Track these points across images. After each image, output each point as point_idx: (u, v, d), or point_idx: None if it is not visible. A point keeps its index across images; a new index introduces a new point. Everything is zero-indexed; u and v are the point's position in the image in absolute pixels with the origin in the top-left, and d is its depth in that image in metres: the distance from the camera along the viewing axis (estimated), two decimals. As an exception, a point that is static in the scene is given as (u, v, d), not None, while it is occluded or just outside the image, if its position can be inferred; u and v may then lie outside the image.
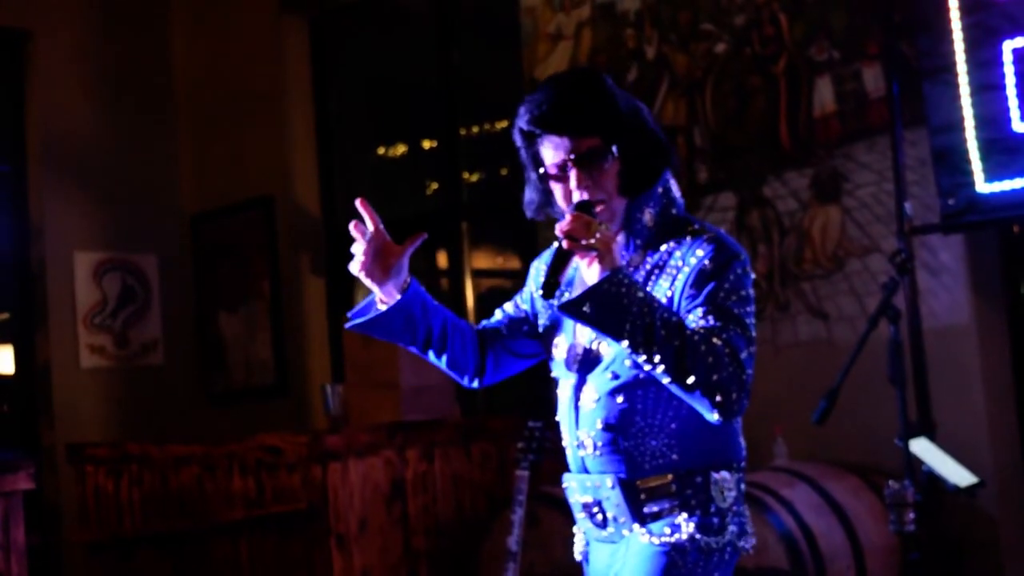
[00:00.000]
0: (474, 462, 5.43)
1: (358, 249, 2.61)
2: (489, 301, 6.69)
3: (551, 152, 2.51)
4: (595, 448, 2.52)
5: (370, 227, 2.62)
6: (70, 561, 6.51)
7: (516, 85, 6.18)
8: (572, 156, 2.48)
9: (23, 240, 6.92)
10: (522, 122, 2.53)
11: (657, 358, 2.30)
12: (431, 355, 2.74)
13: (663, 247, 2.51)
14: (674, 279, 2.45)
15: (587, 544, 2.67)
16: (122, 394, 7.03)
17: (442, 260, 6.79)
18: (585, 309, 2.32)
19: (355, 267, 2.61)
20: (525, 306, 2.81)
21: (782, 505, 4.45)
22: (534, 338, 2.78)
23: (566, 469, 2.67)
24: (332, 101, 7.21)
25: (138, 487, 5.46)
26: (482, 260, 6.78)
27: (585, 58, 5.89)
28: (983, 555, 4.74)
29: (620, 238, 2.56)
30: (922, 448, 4.09)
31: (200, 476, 5.24)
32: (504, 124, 6.67)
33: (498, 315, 2.85)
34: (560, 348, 2.64)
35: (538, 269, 2.82)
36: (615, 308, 2.31)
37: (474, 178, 6.81)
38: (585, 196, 2.48)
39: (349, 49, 7.25)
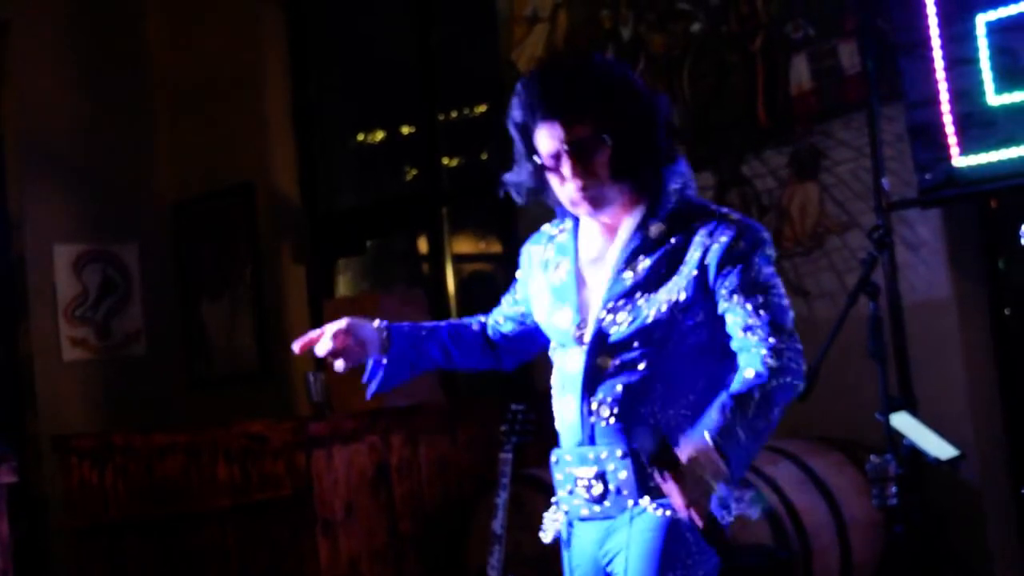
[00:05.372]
0: (459, 446, 5.43)
1: (324, 349, 2.72)
2: (471, 285, 6.70)
3: (546, 141, 2.53)
4: (610, 415, 2.52)
5: (325, 342, 2.72)
6: (57, 553, 6.49)
7: (493, 69, 6.18)
8: (565, 146, 2.50)
9: (1, 234, 6.88)
10: (515, 113, 2.55)
11: (774, 421, 2.43)
12: (446, 368, 2.91)
13: (686, 228, 2.54)
14: (703, 259, 2.49)
15: (569, 525, 2.65)
16: (105, 385, 7.00)
17: (423, 245, 6.79)
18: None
19: (341, 368, 2.76)
20: (519, 295, 2.83)
21: (765, 482, 4.47)
22: (531, 326, 2.81)
23: (551, 449, 2.67)
24: (310, 87, 7.19)
25: (123, 477, 5.45)
26: (463, 245, 6.78)
27: (561, 40, 5.88)
28: (966, 527, 4.77)
29: (639, 213, 2.58)
30: (903, 422, 4.11)
31: (185, 465, 5.24)
32: (483, 108, 6.66)
33: (498, 316, 2.89)
34: (564, 318, 2.63)
35: (529, 253, 2.81)
36: (747, 453, 2.38)
37: (453, 163, 6.80)
38: (578, 190, 2.51)
39: (326, 34, 7.23)
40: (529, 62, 5.97)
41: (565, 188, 2.54)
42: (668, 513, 2.46)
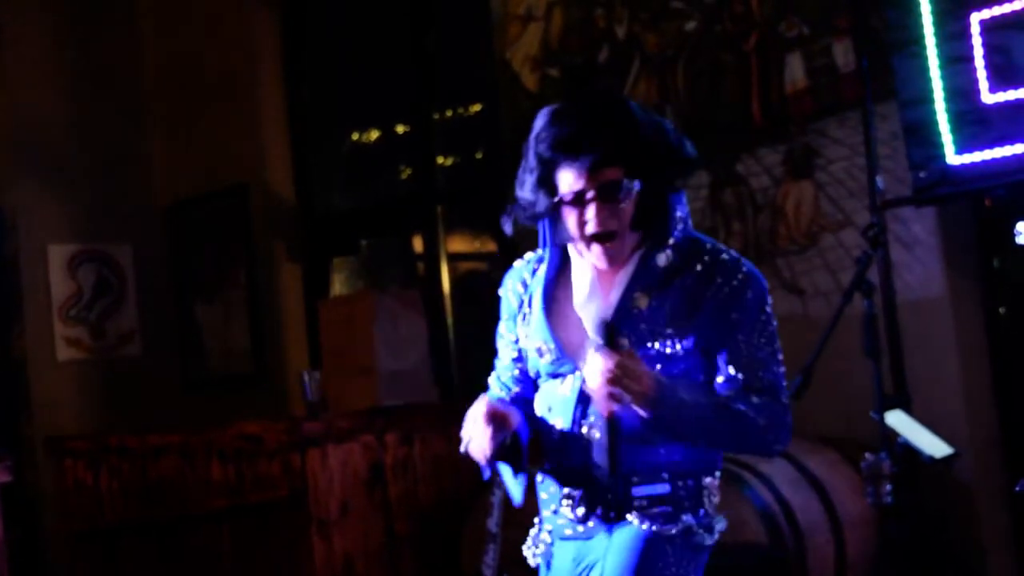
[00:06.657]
0: (455, 444, 5.41)
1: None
2: (466, 285, 6.69)
3: (570, 177, 2.47)
4: (600, 437, 2.50)
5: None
6: (53, 553, 6.49)
7: (488, 68, 6.17)
8: (593, 187, 2.45)
9: (-5, 234, 6.89)
10: (543, 148, 2.48)
11: (718, 443, 2.50)
12: None
13: (692, 264, 2.52)
14: (710, 304, 2.49)
15: (549, 544, 2.64)
16: (100, 386, 7.00)
17: (418, 245, 6.78)
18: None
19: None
20: (512, 337, 2.75)
21: (760, 480, 4.46)
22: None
23: (544, 455, 2.65)
24: (304, 87, 7.18)
25: (118, 479, 5.44)
26: (458, 244, 6.77)
27: (556, 39, 5.87)
28: (961, 525, 4.77)
29: (628, 270, 2.54)
30: (898, 420, 4.11)
31: (180, 466, 5.23)
32: (477, 107, 6.66)
33: (505, 381, 2.81)
34: (546, 347, 2.60)
35: (514, 289, 2.74)
36: (672, 425, 2.43)
37: (448, 162, 6.79)
38: (597, 230, 2.47)
39: (320, 34, 7.22)
40: (524, 61, 5.97)
41: (583, 227, 2.49)
42: (653, 527, 2.47)
